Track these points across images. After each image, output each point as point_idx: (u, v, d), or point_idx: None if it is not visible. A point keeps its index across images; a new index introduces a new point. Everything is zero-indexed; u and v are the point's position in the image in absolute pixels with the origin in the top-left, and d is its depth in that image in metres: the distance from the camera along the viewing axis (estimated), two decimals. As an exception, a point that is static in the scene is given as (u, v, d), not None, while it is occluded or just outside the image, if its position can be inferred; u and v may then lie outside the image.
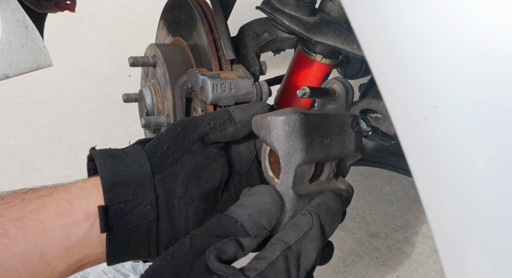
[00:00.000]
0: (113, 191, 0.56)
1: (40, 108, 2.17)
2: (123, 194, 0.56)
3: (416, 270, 1.57)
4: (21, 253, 0.51)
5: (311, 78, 1.06)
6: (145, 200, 0.57)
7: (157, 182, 0.58)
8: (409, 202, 1.81)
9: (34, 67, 0.87)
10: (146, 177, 0.58)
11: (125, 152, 0.60)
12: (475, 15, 0.36)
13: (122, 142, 2.02)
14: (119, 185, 0.56)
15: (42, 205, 0.54)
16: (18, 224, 0.52)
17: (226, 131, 0.64)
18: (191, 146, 0.62)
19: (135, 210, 0.57)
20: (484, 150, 0.37)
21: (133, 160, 0.58)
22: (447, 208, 0.41)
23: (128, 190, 0.56)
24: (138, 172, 0.58)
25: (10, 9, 0.82)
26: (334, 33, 0.92)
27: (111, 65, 2.50)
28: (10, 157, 1.90)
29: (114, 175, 0.57)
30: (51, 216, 0.53)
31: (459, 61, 0.37)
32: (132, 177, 0.57)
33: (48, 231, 0.53)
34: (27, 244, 0.51)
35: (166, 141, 0.61)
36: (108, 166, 0.57)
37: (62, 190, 0.57)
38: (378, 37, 0.42)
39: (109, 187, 0.56)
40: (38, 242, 0.52)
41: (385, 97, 0.43)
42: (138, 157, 0.59)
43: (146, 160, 0.59)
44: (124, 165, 0.58)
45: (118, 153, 0.59)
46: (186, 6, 0.95)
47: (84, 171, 1.85)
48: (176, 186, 0.59)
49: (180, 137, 0.61)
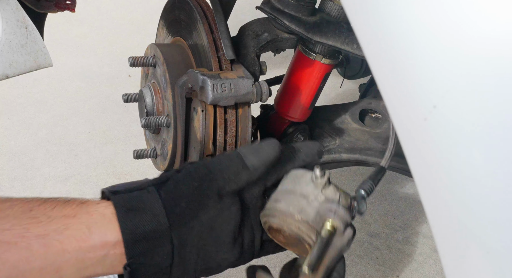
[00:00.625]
0: (134, 247, 0.61)
1: (40, 108, 2.17)
2: (143, 248, 0.61)
3: (416, 270, 1.57)
4: (40, 268, 0.57)
5: (311, 78, 1.06)
6: (161, 251, 0.62)
7: (174, 236, 0.63)
8: (409, 202, 1.81)
9: (34, 67, 0.87)
10: (165, 232, 0.62)
11: (143, 203, 0.64)
12: (474, 16, 0.36)
13: (122, 142, 2.02)
14: (139, 240, 0.61)
15: (65, 226, 0.59)
16: (41, 241, 0.58)
17: (240, 181, 0.67)
18: (207, 202, 0.65)
19: (152, 260, 0.62)
20: (484, 149, 0.37)
21: (152, 214, 0.62)
22: (447, 208, 0.41)
23: (147, 244, 0.62)
24: (157, 228, 0.62)
25: (10, 9, 0.82)
26: (334, 33, 0.92)
27: (111, 65, 2.50)
28: (10, 156, 1.90)
29: (134, 231, 0.61)
30: (71, 239, 0.59)
31: (459, 61, 0.37)
32: (152, 232, 0.62)
33: (66, 252, 0.58)
34: (46, 261, 0.57)
35: (184, 196, 0.65)
36: (129, 222, 0.61)
37: (85, 213, 0.62)
38: (378, 38, 0.42)
39: (130, 243, 0.61)
40: (56, 261, 0.58)
41: (385, 97, 0.43)
42: (156, 211, 0.63)
43: (164, 216, 0.63)
44: (144, 220, 0.62)
45: (137, 205, 0.63)
46: (186, 6, 0.95)
47: (83, 171, 1.85)
48: (191, 237, 0.64)
49: (196, 193, 0.65)
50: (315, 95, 1.09)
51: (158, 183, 0.66)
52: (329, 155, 1.14)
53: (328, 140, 1.17)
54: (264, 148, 0.69)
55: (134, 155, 1.01)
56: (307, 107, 1.11)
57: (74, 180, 1.81)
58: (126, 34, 2.76)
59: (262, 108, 1.19)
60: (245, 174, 0.67)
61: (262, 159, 0.68)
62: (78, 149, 1.96)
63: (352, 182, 1.84)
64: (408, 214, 1.77)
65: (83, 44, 2.65)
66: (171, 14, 1.04)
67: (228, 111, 0.85)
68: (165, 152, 0.98)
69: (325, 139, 1.17)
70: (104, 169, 1.87)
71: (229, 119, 0.85)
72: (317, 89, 1.08)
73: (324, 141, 1.16)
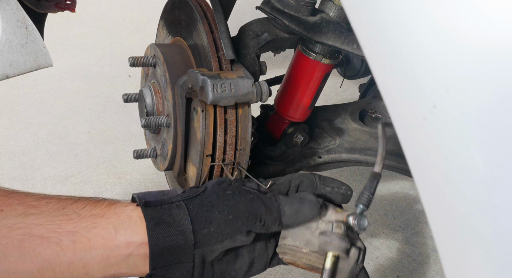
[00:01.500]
0: (158, 259, 0.65)
1: (40, 108, 2.17)
2: (166, 261, 0.65)
3: (416, 270, 1.57)
4: (68, 262, 0.61)
5: (311, 78, 1.06)
6: (183, 267, 0.66)
7: (196, 254, 0.66)
8: (409, 202, 1.81)
9: (34, 67, 0.87)
10: (189, 249, 0.66)
11: (173, 218, 0.67)
12: (474, 16, 0.36)
13: (122, 141, 2.02)
14: (164, 253, 0.65)
15: (93, 225, 0.64)
16: (71, 237, 0.62)
17: (270, 230, 0.71)
18: (236, 235, 0.68)
19: (173, 274, 0.66)
20: (484, 149, 0.37)
21: (180, 229, 0.66)
22: (447, 208, 0.41)
23: (171, 258, 0.65)
24: (183, 243, 0.66)
25: (10, 9, 0.82)
26: (334, 33, 0.92)
27: (111, 65, 2.50)
28: (10, 156, 1.90)
29: (161, 244, 0.65)
30: (98, 238, 0.63)
31: (458, 61, 0.37)
32: (177, 246, 0.65)
33: (93, 249, 0.62)
34: (74, 256, 0.61)
35: (215, 221, 0.68)
36: (157, 235, 0.65)
37: (113, 214, 0.66)
38: (378, 37, 0.42)
39: (155, 254, 0.65)
40: (84, 257, 0.62)
41: (385, 97, 0.44)
42: (184, 227, 0.66)
43: (191, 233, 0.66)
44: (171, 234, 0.66)
45: (166, 219, 0.67)
46: (186, 6, 0.95)
47: (84, 171, 1.85)
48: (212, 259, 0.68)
49: (228, 226, 0.68)
50: (315, 95, 1.09)
51: (187, 197, 0.70)
52: (329, 155, 1.14)
53: (328, 140, 1.17)
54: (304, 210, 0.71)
55: (134, 155, 1.01)
56: (307, 107, 1.11)
57: (74, 179, 1.81)
58: (126, 34, 2.76)
59: (262, 108, 1.19)
60: (277, 228, 0.71)
61: (298, 221, 0.71)
62: (78, 149, 1.96)
63: (352, 182, 1.84)
64: (408, 214, 1.77)
65: (83, 44, 2.65)
66: (171, 14, 1.04)
67: (228, 111, 0.85)
68: (165, 152, 0.98)
69: (325, 139, 1.17)
70: (104, 169, 1.87)
71: (229, 119, 0.85)
72: (317, 89, 1.08)
73: (324, 141, 1.16)
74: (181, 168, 0.95)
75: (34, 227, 0.60)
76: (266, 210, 0.70)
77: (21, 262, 0.59)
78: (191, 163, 0.92)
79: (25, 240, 0.59)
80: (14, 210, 0.61)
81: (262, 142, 1.13)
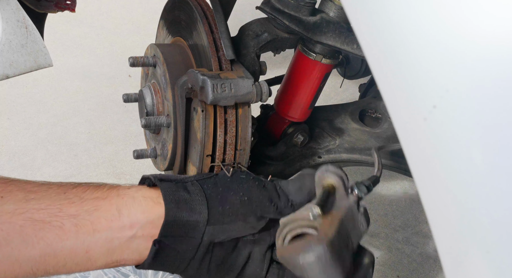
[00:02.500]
0: (170, 227, 0.64)
1: (40, 108, 2.17)
2: (176, 231, 0.64)
3: (416, 270, 1.57)
4: (71, 246, 0.60)
5: (311, 78, 1.06)
6: (190, 243, 0.65)
7: (206, 232, 0.65)
8: (409, 202, 1.81)
9: (34, 67, 0.87)
10: (201, 224, 0.65)
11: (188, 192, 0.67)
12: (474, 15, 0.36)
13: (122, 141, 2.02)
14: (177, 223, 0.64)
15: (95, 207, 0.62)
16: (73, 220, 0.60)
17: (283, 214, 0.69)
18: (249, 216, 0.68)
19: (179, 247, 0.65)
20: (484, 149, 0.37)
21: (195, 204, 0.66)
22: (447, 208, 0.41)
23: (182, 229, 0.64)
24: (196, 218, 0.65)
25: (10, 9, 0.82)
26: (334, 33, 0.92)
27: (111, 65, 2.49)
28: (10, 157, 1.90)
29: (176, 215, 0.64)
30: (101, 220, 0.62)
31: (459, 61, 0.37)
32: (191, 220, 0.65)
33: (96, 232, 0.61)
34: (77, 240, 0.60)
35: (230, 202, 0.68)
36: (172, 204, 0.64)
37: (116, 195, 0.65)
38: (378, 37, 0.42)
39: (168, 222, 0.64)
40: (86, 240, 0.61)
41: (385, 97, 0.44)
42: (200, 202, 0.66)
43: (206, 209, 0.66)
44: (187, 207, 0.65)
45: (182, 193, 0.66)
46: (186, 6, 0.95)
47: (84, 171, 1.85)
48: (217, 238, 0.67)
49: (243, 206, 0.68)
50: (315, 95, 1.09)
51: (201, 178, 0.70)
52: (329, 155, 1.14)
53: (328, 140, 1.17)
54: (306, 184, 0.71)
55: (134, 155, 1.01)
56: (307, 107, 1.11)
57: (74, 179, 1.79)
58: (126, 34, 2.76)
59: (262, 108, 1.19)
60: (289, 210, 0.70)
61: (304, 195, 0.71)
62: (78, 149, 1.96)
63: (352, 182, 1.84)
64: (408, 214, 1.77)
65: (83, 44, 2.65)
66: (171, 14, 1.04)
67: (228, 111, 0.85)
68: (165, 152, 0.98)
69: (325, 139, 1.17)
70: (104, 169, 1.87)
71: (229, 119, 0.85)
72: (317, 89, 1.08)
73: (324, 141, 1.16)
74: (181, 168, 0.95)
75: (35, 211, 0.59)
76: (277, 195, 0.71)
77: (23, 248, 0.58)
78: (191, 163, 0.92)
79: (26, 225, 0.58)
80: (14, 196, 0.60)
81: (262, 142, 1.13)
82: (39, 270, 0.59)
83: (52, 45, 2.27)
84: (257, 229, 0.69)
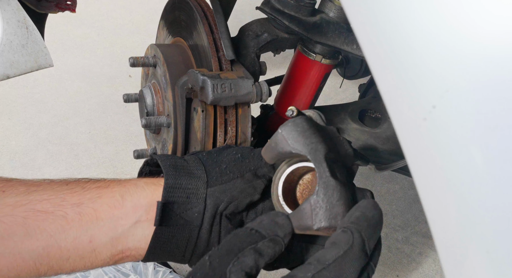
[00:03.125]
0: (172, 191, 0.63)
1: (40, 108, 2.17)
2: (179, 195, 0.63)
3: (416, 270, 1.57)
4: (74, 237, 0.59)
5: (311, 78, 1.06)
6: (195, 207, 0.64)
7: (208, 194, 0.65)
8: (408, 201, 1.81)
9: (35, 67, 0.87)
10: (201, 187, 0.65)
11: (186, 161, 0.67)
12: (474, 15, 0.36)
13: (123, 142, 2.02)
14: (178, 187, 0.63)
15: (98, 195, 0.62)
16: (77, 209, 0.59)
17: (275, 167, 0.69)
18: (245, 173, 0.68)
19: (184, 214, 0.63)
20: (484, 149, 0.37)
21: (193, 169, 0.66)
22: (447, 208, 0.41)
23: (183, 193, 0.63)
24: (196, 181, 0.64)
25: (11, 9, 0.82)
26: (334, 34, 0.92)
27: (112, 65, 2.50)
28: (11, 157, 1.90)
29: (176, 178, 0.64)
30: (104, 207, 0.61)
31: (458, 61, 0.37)
32: (190, 183, 0.64)
33: (100, 219, 0.60)
34: (80, 228, 0.59)
35: (225, 162, 0.68)
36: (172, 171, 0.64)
37: (117, 184, 0.64)
38: (377, 38, 0.42)
39: (170, 187, 0.63)
40: (90, 228, 0.60)
41: (385, 97, 0.44)
42: (197, 167, 0.66)
43: (204, 172, 0.66)
44: (186, 172, 0.65)
45: (180, 161, 0.67)
46: (186, 6, 0.96)
47: (84, 171, 1.85)
48: (222, 202, 0.65)
49: (238, 163, 0.68)
50: (315, 95, 1.10)
51: (194, 153, 0.71)
52: (329, 155, 1.14)
53: (328, 140, 1.17)
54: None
55: (134, 155, 1.01)
56: (307, 107, 1.11)
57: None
58: (126, 34, 2.76)
59: (262, 108, 1.19)
60: None
61: None
62: (78, 149, 1.97)
63: (352, 182, 1.84)
64: (408, 213, 1.77)
65: (84, 45, 2.65)
66: (172, 15, 1.04)
67: (228, 111, 0.85)
68: (165, 152, 0.98)
69: (325, 139, 1.17)
70: (105, 169, 1.87)
71: (229, 119, 0.86)
72: (317, 89, 1.08)
73: (324, 141, 1.16)
74: (181, 168, 0.95)
75: (38, 202, 0.58)
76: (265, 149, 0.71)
77: (26, 240, 0.57)
78: (192, 163, 0.92)
79: (29, 216, 0.57)
80: (15, 189, 0.59)
81: (262, 142, 1.13)
82: (42, 265, 0.58)
83: (53, 46, 2.28)
84: (257, 189, 0.67)
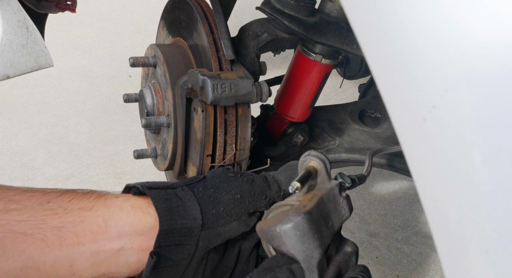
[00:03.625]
0: (165, 237, 0.61)
1: (41, 108, 2.17)
2: (172, 240, 0.61)
3: (416, 270, 1.57)
4: (54, 260, 0.56)
5: (311, 78, 1.06)
6: (185, 250, 0.63)
7: (202, 237, 0.64)
8: (408, 202, 1.81)
9: (35, 67, 0.87)
10: (196, 229, 0.63)
11: (180, 198, 0.64)
12: (474, 15, 0.36)
13: (123, 142, 2.02)
14: (172, 231, 0.61)
15: (81, 219, 0.59)
16: (57, 233, 0.57)
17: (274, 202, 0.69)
18: (242, 216, 0.67)
19: (174, 256, 0.62)
20: (484, 150, 0.37)
21: (188, 210, 0.63)
22: (447, 208, 0.41)
23: (177, 237, 0.62)
24: (190, 224, 0.63)
25: (11, 9, 0.82)
26: (333, 34, 0.93)
27: (112, 65, 2.50)
28: (11, 156, 1.90)
29: (170, 223, 0.61)
30: (87, 232, 0.58)
31: (458, 61, 0.37)
32: (185, 227, 0.62)
33: (81, 244, 0.58)
34: (60, 252, 0.57)
35: (223, 203, 0.66)
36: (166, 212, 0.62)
37: (102, 206, 0.61)
38: (377, 38, 0.42)
39: (163, 232, 0.61)
40: (70, 253, 0.57)
41: (385, 97, 0.44)
42: (192, 208, 0.64)
43: (199, 214, 0.64)
44: (181, 214, 0.63)
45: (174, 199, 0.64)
46: (186, 6, 0.96)
47: (84, 171, 1.85)
48: (214, 243, 0.65)
49: (236, 205, 0.67)
50: (315, 95, 1.10)
51: (189, 183, 0.68)
52: (329, 155, 1.14)
53: (328, 140, 1.17)
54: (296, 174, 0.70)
55: (134, 155, 1.01)
56: (307, 108, 1.11)
57: (74, 179, 1.81)
58: (126, 34, 2.76)
59: (262, 108, 1.20)
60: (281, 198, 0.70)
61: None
62: (78, 149, 1.97)
63: (352, 182, 1.84)
64: (408, 214, 1.77)
65: (84, 45, 2.65)
66: (172, 15, 1.05)
67: (228, 111, 0.85)
68: (165, 152, 0.99)
69: (324, 139, 1.17)
70: (105, 169, 1.87)
71: (229, 119, 0.86)
72: (317, 89, 1.08)
73: (324, 141, 1.17)
74: (181, 168, 0.95)
75: (16, 223, 0.55)
76: (267, 185, 0.70)
77: (3, 261, 0.54)
78: (191, 163, 0.92)
79: (6, 237, 0.54)
80: None
81: (262, 141, 1.13)
82: None
83: (53, 46, 2.28)
84: (250, 226, 0.68)
